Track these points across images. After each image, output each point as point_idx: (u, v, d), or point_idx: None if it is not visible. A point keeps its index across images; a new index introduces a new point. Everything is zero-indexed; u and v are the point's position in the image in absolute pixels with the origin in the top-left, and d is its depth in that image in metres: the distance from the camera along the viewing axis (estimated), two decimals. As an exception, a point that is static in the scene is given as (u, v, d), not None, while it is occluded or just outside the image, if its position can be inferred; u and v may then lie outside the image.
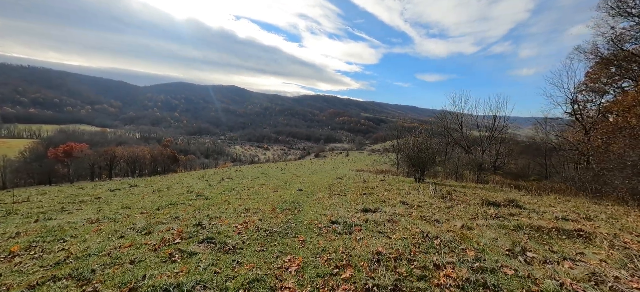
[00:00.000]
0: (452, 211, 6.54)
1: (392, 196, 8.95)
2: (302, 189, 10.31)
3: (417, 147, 13.99)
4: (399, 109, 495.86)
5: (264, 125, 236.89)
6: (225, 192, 9.48)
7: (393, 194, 9.39)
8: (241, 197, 8.40)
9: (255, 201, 7.61)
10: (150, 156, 66.21)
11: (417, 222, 5.29)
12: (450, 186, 12.32)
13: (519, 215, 6.31)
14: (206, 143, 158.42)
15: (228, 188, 10.65)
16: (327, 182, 13.09)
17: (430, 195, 8.80)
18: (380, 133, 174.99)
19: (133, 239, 4.12)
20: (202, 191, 10.02)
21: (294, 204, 7.18)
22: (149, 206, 6.98)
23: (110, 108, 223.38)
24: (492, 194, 10.30)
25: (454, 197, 8.84)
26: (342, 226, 4.87)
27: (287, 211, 6.27)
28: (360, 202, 7.44)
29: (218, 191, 9.97)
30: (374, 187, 11.30)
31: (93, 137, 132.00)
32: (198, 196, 8.73)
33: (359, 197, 8.48)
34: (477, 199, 8.55)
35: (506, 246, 3.90)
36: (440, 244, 3.95)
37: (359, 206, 6.78)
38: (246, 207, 6.52)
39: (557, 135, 25.36)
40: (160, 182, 14.34)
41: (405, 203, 7.30)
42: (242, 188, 10.79)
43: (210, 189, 10.60)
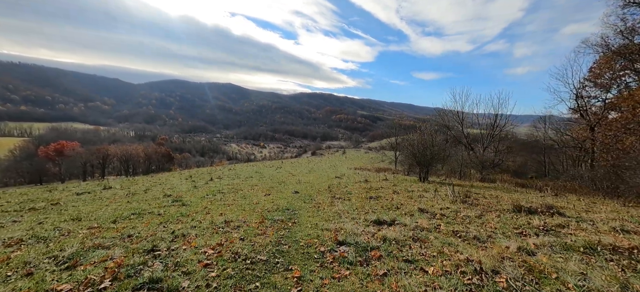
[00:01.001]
0: (486, 221, 5.22)
1: (404, 199, 7.63)
2: (299, 192, 8.96)
3: (422, 144, 12.78)
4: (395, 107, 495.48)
5: (260, 124, 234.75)
6: (209, 196, 8.08)
7: (403, 197, 8.08)
8: (226, 203, 7.00)
9: (242, 209, 6.23)
10: (144, 155, 64.58)
11: (452, 241, 3.95)
12: (461, 186, 11.08)
13: (569, 226, 5.01)
14: (202, 141, 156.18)
15: (214, 191, 9.24)
16: (326, 182, 11.81)
17: (450, 199, 7.47)
18: (377, 131, 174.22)
19: (41, 279, 2.72)
20: (183, 194, 8.60)
21: (289, 213, 5.81)
22: (105, 216, 5.56)
23: (104, 106, 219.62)
24: (515, 196, 9.04)
25: (476, 201, 7.54)
26: (354, 251, 3.51)
27: (280, 224, 4.90)
28: (369, 210, 6.09)
29: (201, 194, 8.56)
30: (378, 188, 10.02)
31: (86, 135, 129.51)
32: (175, 201, 7.32)
33: (365, 202, 7.15)
34: (505, 203, 7.27)
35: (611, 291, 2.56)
36: (508, 287, 2.61)
37: (369, 215, 5.43)
38: (227, 219, 5.13)
39: (560, 133, 24.67)
40: (141, 184, 12.85)
41: (424, 211, 5.95)
42: (230, 190, 9.38)
43: (193, 192, 9.19)
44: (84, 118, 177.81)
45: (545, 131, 27.66)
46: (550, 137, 26.50)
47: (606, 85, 18.97)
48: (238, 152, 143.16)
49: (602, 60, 19.18)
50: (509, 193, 10.11)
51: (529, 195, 9.75)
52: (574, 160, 24.57)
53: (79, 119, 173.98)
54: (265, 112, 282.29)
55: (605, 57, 18.79)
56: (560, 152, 25.22)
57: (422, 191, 9.27)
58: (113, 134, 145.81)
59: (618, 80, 18.48)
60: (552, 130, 26.40)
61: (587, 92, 19.44)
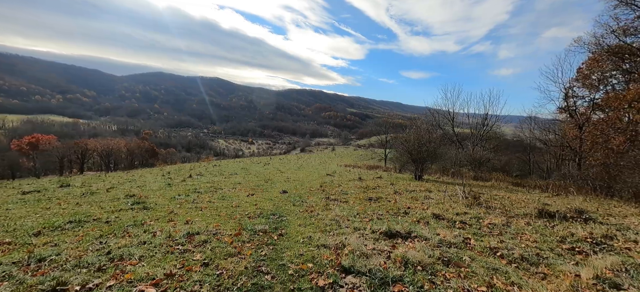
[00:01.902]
0: (520, 232, 4.21)
1: (409, 201, 6.63)
2: (288, 191, 7.82)
3: (418, 141, 11.94)
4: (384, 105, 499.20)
5: (249, 119, 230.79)
6: (181, 197, 6.78)
7: (407, 198, 7.08)
8: (198, 206, 5.74)
9: (217, 214, 5.01)
10: (127, 149, 61.75)
11: (497, 264, 2.90)
12: (461, 185, 10.23)
13: (615, 237, 4.07)
14: (188, 136, 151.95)
15: (189, 190, 7.94)
16: (317, 180, 10.72)
17: (462, 201, 6.47)
18: (366, 129, 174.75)
19: None
20: (150, 194, 7.26)
21: (275, 220, 4.64)
22: (31, 226, 4.22)
23: (84, 98, 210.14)
24: (524, 197, 8.23)
25: (488, 203, 6.60)
26: (368, 286, 2.39)
27: (262, 236, 3.73)
28: (373, 215, 5.00)
29: (172, 194, 7.25)
30: (375, 187, 9.02)
31: (64, 128, 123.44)
32: (136, 203, 6.00)
33: (366, 205, 6.07)
34: (524, 206, 6.35)
35: None
36: None
37: (376, 223, 4.33)
38: (193, 230, 3.90)
39: (545, 132, 24.91)
40: (108, 181, 11.31)
41: (439, 217, 4.90)
42: (208, 189, 8.10)
43: (164, 191, 7.85)
44: (62, 111, 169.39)
45: (531, 131, 28.12)
46: (536, 136, 26.85)
47: (594, 86, 18.84)
48: (226, 148, 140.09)
49: (590, 61, 19.07)
50: (514, 193, 9.44)
51: (534, 195, 9.07)
52: (557, 159, 24.87)
53: (56, 112, 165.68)
54: (254, 107, 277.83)
55: (593, 58, 18.66)
56: (545, 151, 25.63)
57: (424, 191, 8.34)
58: (93, 127, 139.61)
59: (605, 81, 18.40)
60: (537, 130, 26.75)
61: (574, 92, 19.26)
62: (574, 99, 19.06)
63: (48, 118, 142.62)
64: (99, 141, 60.69)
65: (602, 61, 17.74)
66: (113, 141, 62.32)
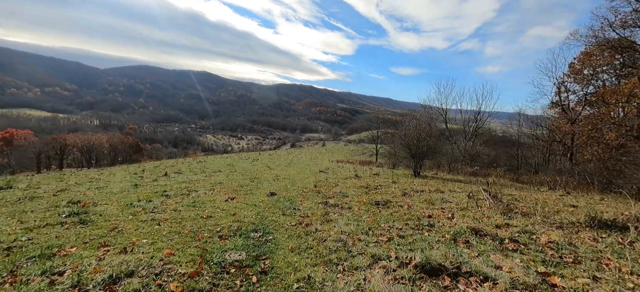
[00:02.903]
0: (600, 256, 3.01)
1: (424, 206, 5.47)
2: (276, 193, 6.50)
3: (417, 135, 10.87)
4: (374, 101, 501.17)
5: (238, 114, 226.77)
6: (139, 205, 5.30)
7: (419, 201, 5.93)
8: (156, 218, 4.30)
9: (176, 231, 3.60)
10: (109, 145, 59.10)
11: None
12: (478, 184, 9.11)
13: None
14: (175, 131, 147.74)
15: (155, 193, 6.45)
16: (310, 178, 9.49)
17: (494, 207, 5.24)
18: (356, 124, 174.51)
19: None
20: (100, 200, 5.72)
21: (256, 242, 3.26)
22: None
23: (64, 91, 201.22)
24: (543, 196, 7.15)
25: (515, 206, 5.44)
26: None
27: (233, 275, 2.40)
28: (392, 232, 3.68)
29: (131, 200, 5.74)
30: (377, 186, 7.88)
31: (42, 123, 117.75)
32: (74, 214, 4.50)
33: (375, 213, 4.79)
34: (563, 211, 5.22)
35: None
36: None
37: (401, 248, 3.03)
38: (124, 269, 2.50)
39: (534, 128, 25.13)
40: (63, 182, 9.61)
41: (479, 232, 3.63)
42: (180, 192, 6.62)
43: (124, 195, 6.33)
44: (40, 105, 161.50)
45: (519, 126, 28.18)
46: (524, 132, 27.04)
47: (585, 81, 18.41)
48: (214, 144, 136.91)
49: (582, 56, 18.71)
50: (526, 191, 8.55)
51: (547, 193, 8.10)
52: (544, 154, 24.77)
53: (34, 106, 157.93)
54: (243, 102, 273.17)
55: (585, 52, 18.21)
56: (533, 146, 25.85)
57: (435, 191, 7.24)
58: (74, 122, 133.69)
59: (596, 76, 18.08)
60: (526, 126, 27.04)
61: (567, 87, 18.79)
62: (566, 94, 18.51)
63: (24, 112, 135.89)
64: (79, 136, 57.59)
65: (595, 56, 17.28)
66: (94, 136, 59.33)
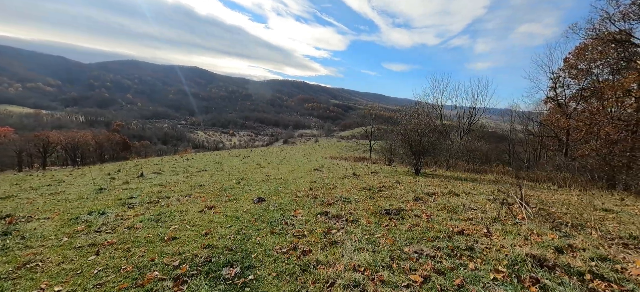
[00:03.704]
0: None
1: (449, 218, 4.60)
2: (265, 199, 5.84)
3: (418, 130, 10.84)
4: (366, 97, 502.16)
5: (229, 110, 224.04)
6: (87, 218, 4.50)
7: (439, 210, 5.13)
8: (98, 242, 3.49)
9: (114, 268, 2.81)
10: (95, 142, 57.44)
11: None
12: (506, 185, 9.21)
13: None
14: (164, 128, 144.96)
15: (114, 202, 5.55)
16: (304, 177, 9.11)
17: (533, 218, 4.46)
18: (349, 120, 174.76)
19: None
20: (39, 213, 4.82)
21: (229, 286, 2.53)
22: None
23: (47, 87, 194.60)
24: (565, 197, 6.68)
25: (559, 216, 4.73)
26: None
27: None
28: (421, 262, 2.95)
29: (79, 212, 4.82)
30: (380, 188, 7.18)
31: (23, 119, 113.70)
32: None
33: (391, 229, 4.03)
34: (620, 224, 4.49)
35: None
36: None
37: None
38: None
39: (524, 123, 25.49)
40: (14, 185, 8.46)
41: (546, 264, 2.88)
42: (147, 200, 5.72)
43: (78, 204, 5.49)
44: (21, 101, 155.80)
45: (511, 122, 28.88)
46: (516, 128, 27.52)
47: (580, 76, 18.76)
48: (205, 140, 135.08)
49: (577, 51, 18.95)
50: (538, 191, 7.86)
51: (565, 194, 7.58)
52: (535, 149, 25.43)
53: (15, 102, 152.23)
54: (235, 98, 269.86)
55: (581, 47, 18.48)
56: (524, 142, 26.33)
57: (449, 194, 6.46)
58: (58, 118, 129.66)
59: (590, 71, 18.36)
60: (518, 121, 27.55)
61: (563, 82, 19.08)
62: (562, 89, 18.82)
63: (5, 109, 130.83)
64: (63, 133, 55.93)
65: (589, 50, 17.51)
66: (79, 133, 57.72)
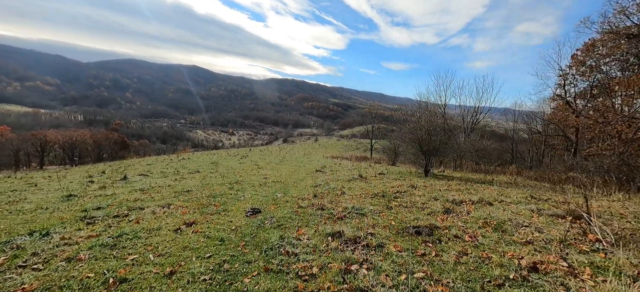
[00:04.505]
0: None
1: (501, 241, 3.48)
2: (261, 211, 4.81)
3: (429, 129, 10.26)
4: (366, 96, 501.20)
5: (229, 109, 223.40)
6: (27, 241, 3.52)
7: (480, 225, 4.06)
8: (7, 290, 2.41)
9: None
10: (93, 141, 56.98)
11: None
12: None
13: None
14: (164, 127, 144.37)
15: (72, 216, 4.59)
16: (307, 180, 8.36)
17: (615, 246, 3.12)
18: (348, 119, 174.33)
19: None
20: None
21: None
22: None
23: (46, 86, 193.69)
24: (618, 207, 5.23)
25: None
26: None
27: None
28: None
29: (14, 233, 3.81)
30: (396, 194, 6.10)
31: (22, 118, 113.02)
32: None
33: (430, 260, 2.94)
34: None
35: None
36: None
37: None
38: None
39: (528, 122, 25.23)
40: None
41: None
42: (112, 213, 4.71)
43: (27, 217, 4.65)
44: (20, 100, 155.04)
45: (515, 121, 28.54)
46: (520, 127, 27.18)
47: (588, 73, 18.27)
48: (205, 139, 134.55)
49: (585, 47, 18.48)
50: (574, 197, 6.49)
51: (607, 198, 6.25)
52: (537, 148, 25.16)
53: (13, 100, 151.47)
54: (234, 97, 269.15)
55: (589, 43, 18.01)
56: (527, 141, 25.99)
57: (478, 204, 5.26)
58: (56, 117, 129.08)
59: (598, 68, 17.87)
60: (521, 120, 27.32)
61: (573, 79, 18.57)
62: (571, 86, 18.31)
63: (3, 108, 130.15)
64: (61, 132, 55.55)
65: (598, 47, 17.03)
66: (77, 132, 57.35)
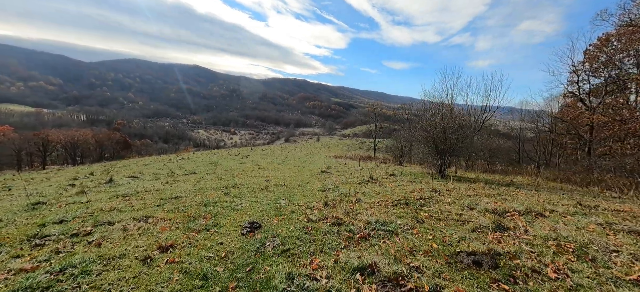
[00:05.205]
0: None
1: (595, 279, 2.37)
2: (262, 226, 3.84)
3: (445, 127, 9.47)
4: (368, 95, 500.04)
5: (230, 109, 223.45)
6: None
7: (557, 252, 2.93)
8: None
9: None
10: (95, 141, 56.92)
11: None
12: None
13: None
14: (166, 126, 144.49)
15: (17, 235, 3.49)
16: (313, 183, 7.49)
17: None
18: (350, 118, 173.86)
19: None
20: None
21: None
22: None
23: (49, 86, 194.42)
24: None
25: None
26: None
27: None
28: None
29: None
30: (420, 202, 5.09)
31: (24, 118, 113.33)
32: None
33: None
34: None
35: None
36: None
37: None
38: None
39: (535, 121, 24.80)
40: None
41: None
42: (69, 232, 3.56)
43: None
44: (22, 99, 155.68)
45: (522, 119, 27.96)
46: (526, 126, 26.63)
47: (601, 69, 17.67)
48: (206, 139, 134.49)
49: (598, 42, 17.89)
50: (610, 202, 5.64)
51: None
52: (544, 148, 24.63)
53: (17, 100, 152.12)
54: (236, 97, 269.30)
55: (603, 38, 17.44)
56: (534, 140, 25.48)
57: (529, 215, 4.26)
58: (59, 117, 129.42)
59: (613, 63, 17.25)
60: (528, 119, 26.73)
61: (586, 76, 17.96)
62: (588, 83, 17.68)
63: (6, 107, 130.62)
64: (62, 132, 55.41)
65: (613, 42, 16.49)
66: (79, 132, 57.23)
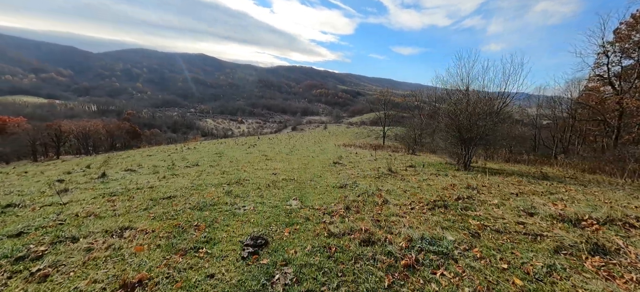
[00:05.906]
0: None
1: None
2: (268, 242, 2.91)
3: (471, 113, 8.64)
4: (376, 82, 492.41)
5: (237, 98, 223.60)
6: None
7: None
8: None
9: None
10: (106, 131, 57.92)
11: None
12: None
13: None
14: (174, 116, 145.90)
15: None
16: (327, 177, 6.79)
17: None
18: (358, 106, 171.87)
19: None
20: None
21: None
22: None
23: (60, 77, 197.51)
24: None
25: None
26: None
27: None
28: None
29: None
30: (459, 202, 4.39)
31: (37, 110, 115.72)
32: None
33: None
34: None
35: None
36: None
37: None
38: None
39: (553, 108, 23.94)
40: None
41: None
42: (18, 253, 2.58)
43: None
44: (36, 91, 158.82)
45: (539, 106, 27.22)
46: (544, 114, 25.90)
47: (632, 50, 16.53)
48: (214, 128, 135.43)
49: (631, 20, 16.64)
50: None
51: None
52: (562, 136, 23.88)
53: (30, 92, 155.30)
54: (242, 85, 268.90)
55: (636, 16, 16.22)
56: (552, 128, 24.67)
57: (614, 227, 3.34)
58: (71, 108, 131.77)
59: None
60: (545, 105, 26.03)
61: (616, 57, 16.83)
62: (615, 65, 16.60)
63: (20, 99, 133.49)
64: (74, 123, 56.39)
65: None
66: (90, 123, 58.25)
